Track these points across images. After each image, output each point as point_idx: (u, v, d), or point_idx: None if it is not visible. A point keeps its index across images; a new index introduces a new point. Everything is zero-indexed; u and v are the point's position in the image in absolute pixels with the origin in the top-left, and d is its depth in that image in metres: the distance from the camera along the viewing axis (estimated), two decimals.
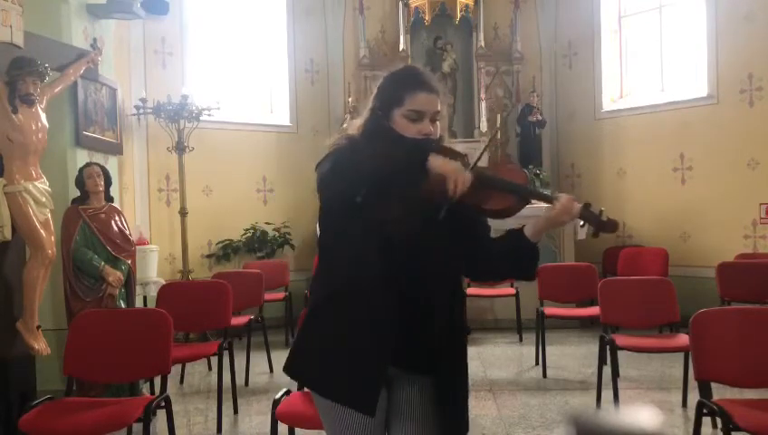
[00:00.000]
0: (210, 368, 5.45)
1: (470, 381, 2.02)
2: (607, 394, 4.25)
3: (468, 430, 1.93)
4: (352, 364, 1.80)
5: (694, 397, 3.11)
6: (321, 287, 1.94)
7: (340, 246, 1.89)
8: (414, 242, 1.78)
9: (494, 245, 1.93)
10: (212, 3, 7.69)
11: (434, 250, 1.83)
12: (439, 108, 1.88)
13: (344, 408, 1.81)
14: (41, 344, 4.04)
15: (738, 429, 2.66)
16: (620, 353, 4.19)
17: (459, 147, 2.01)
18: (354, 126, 1.94)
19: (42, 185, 4.05)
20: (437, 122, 1.89)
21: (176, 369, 5.09)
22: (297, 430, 3.07)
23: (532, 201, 1.85)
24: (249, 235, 7.37)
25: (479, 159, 1.89)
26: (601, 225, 1.79)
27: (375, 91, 1.93)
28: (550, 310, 5.38)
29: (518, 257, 1.87)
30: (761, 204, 6.60)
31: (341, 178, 1.76)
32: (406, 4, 7.95)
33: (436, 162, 1.73)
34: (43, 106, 4.11)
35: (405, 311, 1.79)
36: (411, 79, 1.88)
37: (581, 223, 1.80)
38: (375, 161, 1.73)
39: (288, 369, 1.93)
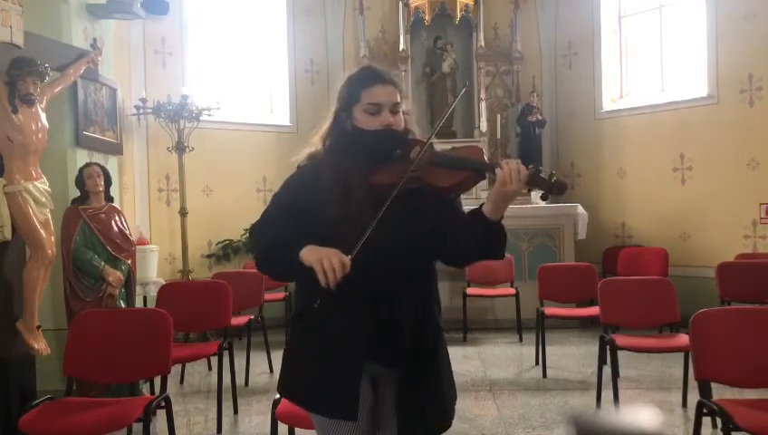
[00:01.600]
0: (210, 368, 5.45)
1: (470, 382, 2.02)
2: (607, 394, 4.25)
3: (449, 426, 1.94)
4: (327, 373, 1.83)
5: (694, 397, 3.11)
6: (296, 302, 1.99)
7: None
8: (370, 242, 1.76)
9: (458, 228, 1.88)
10: (212, 3, 7.69)
11: (394, 245, 1.80)
12: (398, 100, 1.92)
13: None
14: (41, 344, 4.04)
15: (738, 429, 2.66)
16: (620, 353, 4.18)
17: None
18: (319, 134, 1.97)
19: (42, 185, 4.05)
20: (400, 114, 1.92)
21: (176, 369, 5.09)
22: (297, 430, 3.07)
23: (491, 175, 1.81)
24: (249, 235, 7.36)
25: (429, 138, 1.89)
26: (548, 187, 1.74)
27: (336, 95, 1.97)
28: (550, 310, 5.38)
29: (482, 236, 1.81)
30: (761, 204, 6.60)
31: (255, 250, 1.97)
32: (406, 4, 7.95)
33: (305, 255, 1.73)
34: (43, 106, 4.11)
35: (373, 307, 1.81)
36: (364, 75, 1.94)
37: (528, 188, 1.76)
38: (264, 248, 1.90)
39: (279, 388, 2.00)
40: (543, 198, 1.78)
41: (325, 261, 1.68)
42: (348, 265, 1.69)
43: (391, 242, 1.78)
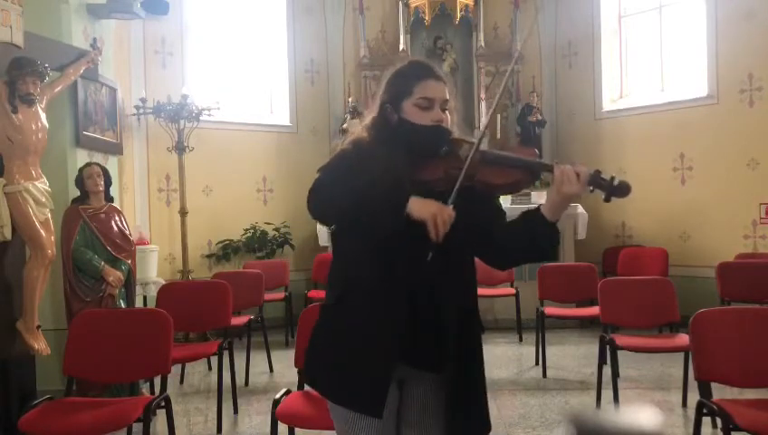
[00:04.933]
0: (210, 368, 5.45)
1: None
2: (607, 394, 4.25)
3: (490, 429, 1.92)
4: (358, 367, 1.79)
5: (694, 397, 3.11)
6: (331, 288, 1.94)
7: (344, 246, 1.91)
8: (414, 239, 1.73)
9: (509, 227, 1.86)
10: (212, 3, 7.69)
11: (445, 243, 1.76)
12: (448, 97, 1.89)
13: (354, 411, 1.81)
14: (41, 344, 4.04)
15: (738, 429, 2.66)
16: (620, 353, 4.18)
17: None
18: (363, 125, 1.94)
19: (42, 185, 4.05)
20: (447, 112, 1.89)
21: (176, 369, 5.09)
22: (297, 430, 3.07)
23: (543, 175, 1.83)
24: (249, 235, 7.37)
25: (481, 136, 1.87)
26: (612, 189, 1.70)
27: (382, 87, 1.93)
28: (550, 310, 5.38)
29: (533, 237, 1.80)
30: (761, 204, 6.60)
31: (319, 208, 1.81)
32: (406, 4, 7.95)
33: (415, 206, 1.70)
34: (42, 106, 4.12)
35: (413, 307, 1.77)
36: (418, 69, 1.90)
37: (591, 189, 1.73)
38: (354, 197, 1.73)
39: (305, 373, 1.97)
40: (606, 199, 1.74)
41: (439, 217, 1.67)
42: (453, 217, 1.69)
43: (444, 241, 1.75)
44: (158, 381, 3.44)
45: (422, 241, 1.70)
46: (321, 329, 1.93)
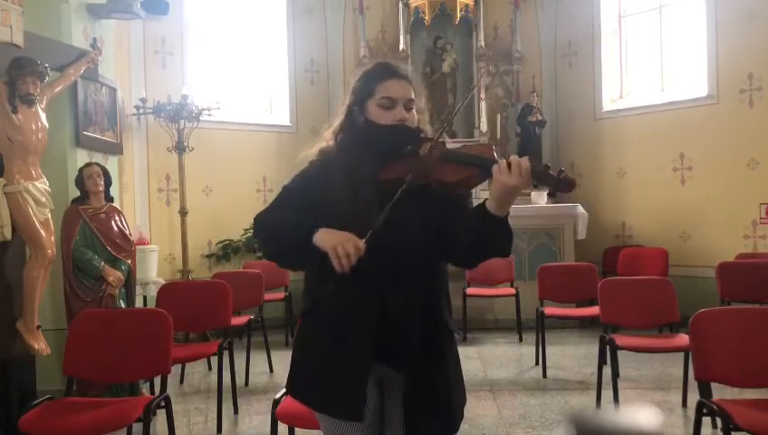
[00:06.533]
0: (210, 368, 5.45)
1: (470, 382, 2.00)
2: (607, 394, 4.25)
3: (456, 431, 1.91)
4: (333, 371, 1.81)
5: (694, 397, 3.11)
6: (304, 297, 1.97)
7: None
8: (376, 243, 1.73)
9: (466, 224, 1.82)
10: (212, 3, 7.69)
11: (403, 243, 1.78)
12: (413, 96, 1.90)
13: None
14: (41, 344, 4.04)
15: (738, 429, 2.66)
16: (620, 353, 4.18)
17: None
18: (330, 130, 1.96)
19: (42, 185, 4.05)
20: (413, 111, 1.90)
21: (176, 369, 5.09)
22: (297, 430, 3.07)
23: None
24: (249, 235, 7.37)
25: (440, 135, 1.86)
26: (556, 184, 1.67)
27: (349, 90, 1.96)
28: (550, 310, 5.38)
29: (488, 232, 1.74)
30: (761, 204, 6.60)
31: (257, 241, 1.89)
32: (406, 4, 7.96)
33: (319, 238, 1.71)
34: (43, 106, 4.12)
35: (382, 308, 1.78)
36: (380, 69, 1.93)
37: (535, 183, 1.69)
38: (272, 234, 1.87)
39: (287, 387, 1.97)
40: (551, 194, 1.75)
41: (339, 248, 1.66)
42: (362, 250, 1.67)
43: (402, 239, 1.75)
44: (158, 381, 3.44)
45: (392, 247, 1.73)
46: (299, 336, 1.97)
